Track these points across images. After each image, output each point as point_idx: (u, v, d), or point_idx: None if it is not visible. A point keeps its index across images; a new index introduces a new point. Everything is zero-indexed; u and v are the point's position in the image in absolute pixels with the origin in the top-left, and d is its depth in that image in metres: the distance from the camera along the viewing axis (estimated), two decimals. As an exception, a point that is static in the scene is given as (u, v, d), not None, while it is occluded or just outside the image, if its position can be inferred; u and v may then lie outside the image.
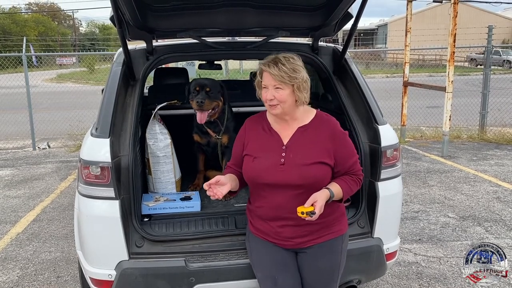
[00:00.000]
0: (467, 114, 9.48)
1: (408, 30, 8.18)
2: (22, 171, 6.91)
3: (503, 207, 4.95)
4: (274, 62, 2.08)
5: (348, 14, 2.74)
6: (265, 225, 2.22)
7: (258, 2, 2.54)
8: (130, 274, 2.30)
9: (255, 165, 2.17)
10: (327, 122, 2.22)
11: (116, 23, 2.40)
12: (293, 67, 2.08)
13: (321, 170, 2.12)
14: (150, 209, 2.64)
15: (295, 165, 2.11)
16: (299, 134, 2.19)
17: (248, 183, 2.25)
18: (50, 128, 9.34)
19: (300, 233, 2.17)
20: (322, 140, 2.16)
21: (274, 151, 2.17)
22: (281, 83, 2.06)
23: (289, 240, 2.19)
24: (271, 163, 2.14)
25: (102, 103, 2.50)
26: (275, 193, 2.14)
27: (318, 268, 2.20)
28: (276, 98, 2.08)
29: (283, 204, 2.13)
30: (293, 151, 2.15)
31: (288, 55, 2.13)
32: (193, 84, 2.96)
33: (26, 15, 56.18)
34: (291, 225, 2.15)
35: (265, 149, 2.19)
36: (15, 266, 3.81)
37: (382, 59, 30.09)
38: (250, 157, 2.21)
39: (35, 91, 9.95)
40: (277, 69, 2.05)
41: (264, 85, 2.12)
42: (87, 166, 2.30)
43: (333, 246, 2.23)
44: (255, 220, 2.28)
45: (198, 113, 2.89)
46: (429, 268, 3.62)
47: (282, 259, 2.21)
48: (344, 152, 2.18)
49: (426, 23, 29.65)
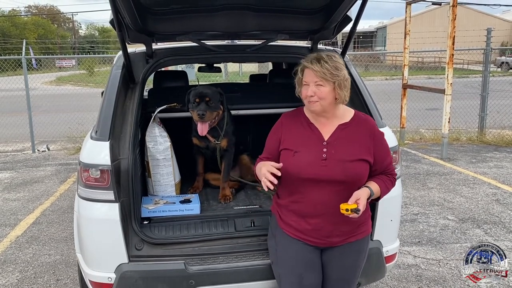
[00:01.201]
0: (466, 116, 9.49)
1: (407, 33, 8.20)
2: (22, 174, 6.91)
3: (502, 209, 4.96)
4: (317, 59, 2.10)
5: (347, 17, 2.75)
6: (300, 222, 2.19)
7: (258, 5, 2.55)
8: (129, 277, 2.30)
9: (296, 159, 2.14)
10: (365, 121, 2.25)
11: (116, 26, 2.40)
12: (335, 64, 2.10)
13: (362, 167, 2.14)
14: (150, 212, 2.64)
15: (337, 161, 2.11)
16: (340, 131, 2.19)
17: (287, 177, 2.17)
18: (49, 130, 9.34)
19: (338, 232, 2.17)
20: (363, 138, 2.18)
21: (316, 147, 2.16)
22: (323, 79, 2.08)
23: (325, 239, 2.18)
24: (313, 158, 2.13)
25: (102, 106, 2.51)
26: (315, 188, 2.13)
27: (344, 266, 2.23)
28: (316, 94, 2.10)
29: (322, 200, 2.12)
30: (335, 147, 2.15)
31: (331, 53, 2.16)
32: (193, 94, 2.90)
33: (25, 17, 56.27)
34: (329, 222, 2.15)
35: (306, 144, 2.18)
36: (14, 269, 3.81)
37: (381, 62, 30.11)
38: (290, 151, 2.18)
39: (35, 94, 9.95)
40: (319, 66, 2.08)
41: (305, 81, 2.13)
42: (86, 169, 2.30)
43: (360, 245, 2.26)
44: (287, 216, 2.23)
45: (199, 125, 2.85)
46: (428, 271, 3.62)
47: (310, 258, 2.20)
48: (382, 151, 2.21)
49: (425, 25, 29.71)
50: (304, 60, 2.16)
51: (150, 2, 2.48)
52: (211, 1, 2.47)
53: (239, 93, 3.68)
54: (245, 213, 2.69)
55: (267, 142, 2.32)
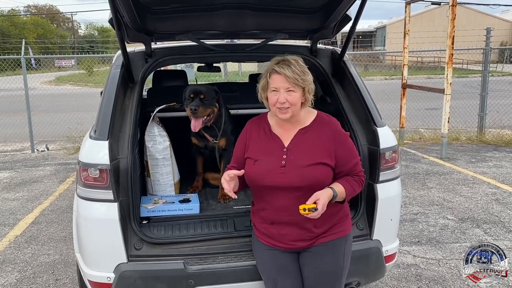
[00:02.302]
0: (466, 116, 9.50)
1: (406, 33, 8.20)
2: (21, 174, 6.90)
3: (502, 209, 4.96)
4: (287, 64, 2.05)
5: (347, 16, 2.74)
6: (269, 228, 2.22)
7: (257, 4, 2.54)
8: (128, 277, 2.30)
9: (256, 168, 2.17)
10: (327, 123, 2.22)
11: (115, 26, 2.40)
12: (302, 69, 2.08)
13: (321, 171, 2.12)
14: (149, 212, 2.63)
15: (295, 167, 2.11)
16: (300, 136, 2.19)
17: (250, 186, 2.24)
18: (48, 130, 9.33)
19: (304, 236, 2.17)
20: (323, 141, 2.16)
21: (275, 154, 2.17)
22: (295, 85, 2.05)
23: (292, 244, 2.19)
24: (272, 166, 2.14)
25: (101, 105, 2.50)
26: (276, 195, 2.14)
27: (320, 268, 2.19)
28: (288, 101, 2.05)
29: (284, 206, 2.13)
30: (294, 153, 2.15)
31: (295, 57, 2.11)
32: (188, 91, 2.93)
33: (25, 17, 56.24)
34: (294, 228, 2.15)
35: (266, 152, 2.19)
36: (13, 269, 3.80)
37: (381, 61, 30.11)
38: (251, 160, 2.21)
39: (34, 94, 9.94)
40: (290, 71, 2.03)
41: (275, 87, 2.07)
42: (85, 169, 2.29)
43: (335, 246, 2.22)
44: (258, 223, 2.28)
45: (193, 121, 2.87)
46: (428, 270, 3.62)
47: (282, 262, 2.21)
48: (345, 153, 2.18)
49: (424, 25, 29.69)
50: (271, 64, 2.10)
51: (149, 1, 2.47)
52: (211, 0, 2.47)
53: (238, 93, 3.68)
54: (245, 213, 2.68)
55: (235, 150, 2.35)
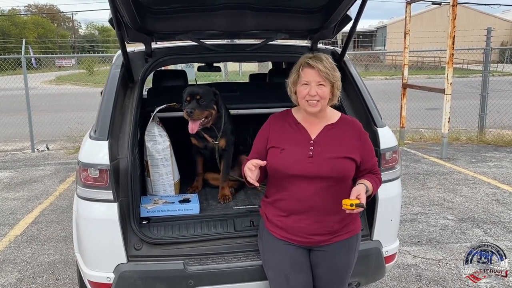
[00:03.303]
0: (466, 116, 9.49)
1: (407, 32, 8.19)
2: (21, 173, 6.90)
3: (502, 209, 4.95)
4: (319, 59, 2.11)
5: (347, 16, 2.74)
6: (284, 220, 2.20)
7: (257, 4, 2.54)
8: (128, 277, 2.30)
9: (283, 156, 2.17)
10: (352, 122, 2.28)
11: (115, 25, 2.39)
12: (332, 65, 2.14)
13: (349, 164, 2.16)
14: (149, 212, 2.63)
15: (324, 158, 2.14)
16: (327, 131, 2.22)
17: (274, 174, 2.22)
18: (49, 130, 9.33)
19: (321, 231, 2.17)
20: (349, 138, 2.20)
21: (302, 145, 2.19)
22: (326, 79, 2.11)
23: (308, 237, 2.18)
24: (300, 155, 2.15)
25: (101, 105, 2.50)
26: (301, 185, 2.14)
27: (334, 266, 2.22)
28: (318, 94, 2.11)
29: (308, 196, 2.13)
30: (321, 146, 2.17)
31: (325, 55, 2.18)
32: (185, 93, 2.90)
33: (25, 17, 56.24)
34: (314, 220, 2.15)
35: (293, 142, 2.20)
36: (13, 268, 3.80)
37: (381, 61, 30.10)
38: (277, 149, 2.21)
39: (34, 93, 9.94)
40: (323, 65, 2.09)
41: (306, 81, 2.13)
42: (85, 169, 2.29)
43: (349, 244, 2.25)
44: (273, 215, 2.25)
45: (190, 123, 2.84)
46: (428, 271, 3.62)
47: (296, 258, 2.20)
48: (367, 152, 2.24)
49: (425, 25, 29.67)
50: (305, 58, 2.15)
51: (149, 1, 2.47)
52: (211, 0, 2.47)
53: (238, 93, 3.67)
54: (245, 213, 2.68)
55: (255, 142, 2.35)
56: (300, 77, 2.15)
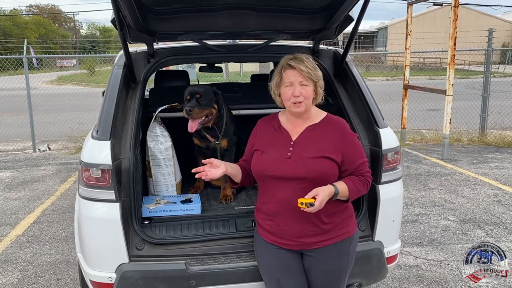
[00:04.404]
0: (468, 117, 9.49)
1: (408, 33, 8.20)
2: (23, 173, 6.91)
3: (503, 210, 4.95)
4: (299, 60, 2.14)
5: (349, 17, 2.74)
6: (271, 224, 2.21)
7: (259, 5, 2.54)
8: (130, 277, 2.30)
9: (263, 158, 2.21)
10: (336, 122, 2.26)
11: (117, 26, 2.40)
12: (313, 65, 2.16)
13: (326, 164, 2.13)
14: (151, 212, 2.63)
15: (301, 158, 2.14)
16: (308, 131, 2.22)
17: (256, 177, 2.28)
18: (50, 130, 9.35)
19: (307, 232, 2.16)
20: (330, 137, 2.19)
21: (282, 147, 2.21)
22: (308, 79, 2.12)
23: (296, 240, 2.18)
24: (278, 157, 2.17)
25: (103, 105, 2.50)
26: (280, 187, 2.15)
27: (326, 270, 2.21)
28: (302, 94, 2.12)
29: (288, 197, 2.13)
30: (301, 146, 2.18)
31: (305, 55, 2.20)
32: (186, 92, 2.92)
33: (27, 17, 56.32)
34: (296, 222, 2.15)
35: (274, 145, 2.23)
36: (15, 268, 3.80)
37: (383, 62, 30.08)
38: (258, 151, 2.26)
39: (36, 93, 9.96)
40: (304, 65, 2.12)
41: (290, 82, 2.14)
42: (87, 169, 2.29)
43: (340, 248, 2.22)
44: (261, 219, 2.27)
45: (190, 121, 2.85)
46: (429, 272, 3.62)
47: (286, 263, 2.20)
48: (352, 152, 2.19)
49: (426, 26, 29.67)
50: (286, 60, 2.17)
51: (151, 2, 2.48)
52: (213, 1, 2.47)
53: (240, 93, 3.68)
54: (246, 213, 2.68)
55: (247, 146, 2.40)
56: (283, 78, 2.16)
